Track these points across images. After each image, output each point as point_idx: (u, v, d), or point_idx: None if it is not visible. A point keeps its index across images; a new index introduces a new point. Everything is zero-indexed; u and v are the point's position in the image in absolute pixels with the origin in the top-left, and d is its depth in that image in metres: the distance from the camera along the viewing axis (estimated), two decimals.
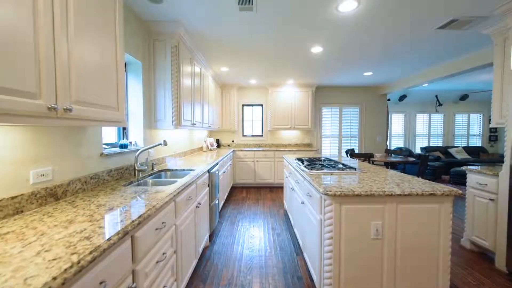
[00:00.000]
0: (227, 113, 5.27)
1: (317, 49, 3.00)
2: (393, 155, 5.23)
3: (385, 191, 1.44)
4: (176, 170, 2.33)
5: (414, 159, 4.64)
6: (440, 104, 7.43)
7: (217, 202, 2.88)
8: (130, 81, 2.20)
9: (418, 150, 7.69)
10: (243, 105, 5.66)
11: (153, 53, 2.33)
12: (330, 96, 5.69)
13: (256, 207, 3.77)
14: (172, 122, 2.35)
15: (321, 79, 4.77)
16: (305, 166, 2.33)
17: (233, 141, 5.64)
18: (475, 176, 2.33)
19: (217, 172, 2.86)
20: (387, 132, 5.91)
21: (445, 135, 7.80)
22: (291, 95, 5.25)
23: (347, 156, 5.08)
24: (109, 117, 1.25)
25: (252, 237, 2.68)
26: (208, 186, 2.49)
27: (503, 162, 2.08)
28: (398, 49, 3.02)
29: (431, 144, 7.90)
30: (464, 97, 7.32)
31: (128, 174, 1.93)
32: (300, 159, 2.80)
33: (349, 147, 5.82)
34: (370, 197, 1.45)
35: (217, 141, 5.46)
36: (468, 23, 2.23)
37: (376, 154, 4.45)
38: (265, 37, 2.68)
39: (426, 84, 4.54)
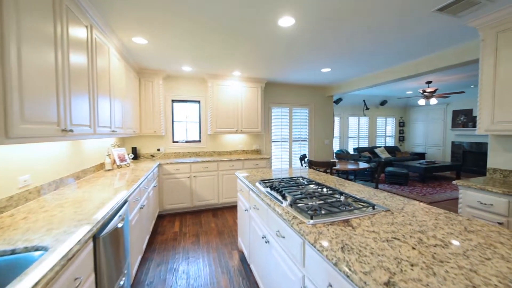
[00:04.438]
0: (148, 111, 3.73)
1: (287, 22, 2.07)
2: (349, 160, 5.02)
3: None
4: None
5: (365, 164, 4.49)
6: (367, 108, 8.11)
7: (123, 281, 1.52)
8: None
9: (351, 151, 8.18)
10: (173, 101, 4.21)
11: None
12: (279, 95, 4.99)
13: (196, 250, 2.53)
14: None
15: (274, 73, 3.96)
16: (290, 205, 1.34)
17: (159, 149, 4.11)
18: (474, 194, 1.95)
19: (121, 226, 1.50)
20: (333, 135, 5.75)
21: (370, 136, 8.62)
22: (237, 91, 4.22)
23: (302, 164, 4.49)
24: None
25: None
26: (95, 272, 1.14)
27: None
28: (382, 34, 2.47)
29: (360, 145, 8.59)
30: (383, 103, 8.22)
31: None
32: (269, 185, 1.80)
33: (299, 152, 5.31)
34: None
35: (134, 150, 3.81)
36: (473, 5, 1.79)
37: (332, 160, 3.99)
38: None
39: (366, 87, 4.47)
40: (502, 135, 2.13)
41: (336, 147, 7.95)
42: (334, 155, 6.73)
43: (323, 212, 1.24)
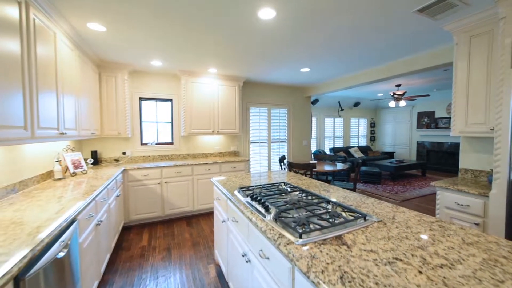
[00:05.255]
0: (111, 109, 3.30)
1: (267, 14, 1.90)
2: (326, 161, 5.03)
3: None
4: None
5: (342, 164, 4.53)
6: (342, 109, 8.35)
7: None
8: None
9: (327, 151, 8.35)
10: (140, 99, 3.81)
11: None
12: (258, 95, 4.83)
13: (167, 268, 2.25)
14: None
15: (252, 71, 3.78)
16: (275, 219, 1.17)
17: (124, 153, 3.68)
18: (452, 195, 1.97)
19: (62, 255, 1.19)
20: (311, 136, 5.76)
21: (344, 137, 8.91)
22: (213, 89, 3.96)
23: (281, 167, 4.38)
24: None
25: None
26: None
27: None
28: (363, 33, 2.42)
29: (336, 145, 8.83)
30: (356, 104, 8.54)
31: None
32: (250, 194, 1.61)
33: (278, 153, 5.21)
34: None
35: (94, 155, 3.35)
36: (450, 8, 1.79)
37: (311, 161, 3.94)
38: None
39: (343, 88, 4.52)
40: (473, 137, 2.21)
41: (313, 147, 8.05)
42: (312, 155, 6.79)
43: (311, 227, 1.09)
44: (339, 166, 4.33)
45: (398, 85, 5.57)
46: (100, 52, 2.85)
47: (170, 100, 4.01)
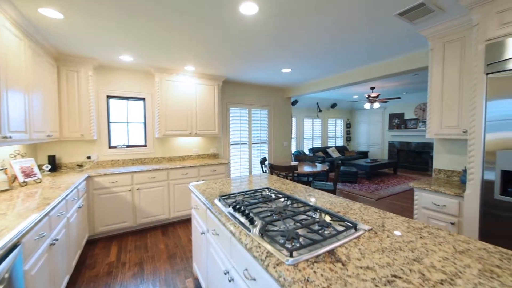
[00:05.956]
0: (73, 108, 2.93)
1: (250, 9, 1.78)
2: (306, 161, 5.04)
3: None
4: None
5: (322, 165, 4.58)
6: (320, 111, 8.53)
7: None
8: None
9: (306, 152, 8.48)
10: (108, 97, 3.45)
11: None
12: (238, 95, 4.69)
13: (138, 286, 2.02)
14: None
15: (232, 70, 3.63)
16: (261, 234, 1.06)
17: (89, 157, 3.30)
18: (429, 195, 2.03)
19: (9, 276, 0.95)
20: (291, 136, 5.76)
21: (322, 137, 9.12)
22: (191, 88, 3.73)
23: (262, 169, 4.29)
24: None
25: None
26: None
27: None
28: (346, 34, 2.41)
29: (314, 146, 9.01)
30: (333, 105, 8.80)
31: None
32: (232, 203, 1.48)
33: (258, 155, 5.12)
34: None
35: (52, 160, 2.94)
36: (428, 13, 1.83)
37: (292, 163, 3.91)
38: None
39: (323, 90, 4.57)
40: (447, 138, 2.31)
41: (293, 148, 8.11)
42: (292, 156, 6.81)
43: (301, 241, 0.99)
44: (319, 167, 4.36)
45: (372, 88, 5.80)
46: (58, 44, 2.50)
47: (143, 99, 3.70)
